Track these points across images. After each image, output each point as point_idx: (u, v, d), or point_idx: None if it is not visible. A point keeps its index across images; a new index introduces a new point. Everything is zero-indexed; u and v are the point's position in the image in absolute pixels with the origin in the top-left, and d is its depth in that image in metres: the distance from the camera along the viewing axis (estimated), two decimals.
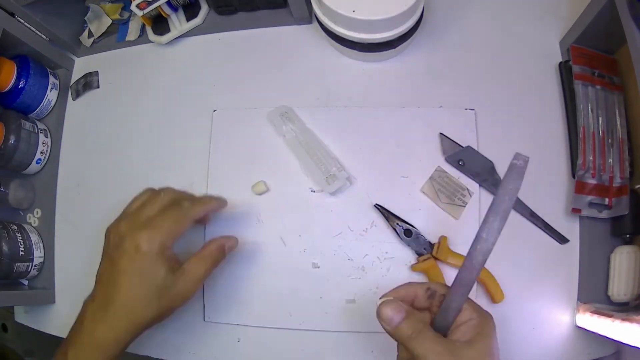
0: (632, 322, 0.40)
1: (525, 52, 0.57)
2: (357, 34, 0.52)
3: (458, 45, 0.58)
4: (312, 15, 0.60)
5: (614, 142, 0.50)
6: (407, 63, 0.58)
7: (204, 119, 0.59)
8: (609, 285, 0.49)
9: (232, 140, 0.58)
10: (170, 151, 0.60)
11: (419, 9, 0.52)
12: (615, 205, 0.49)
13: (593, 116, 0.50)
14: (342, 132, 0.56)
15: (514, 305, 0.50)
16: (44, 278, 0.60)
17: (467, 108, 0.55)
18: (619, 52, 0.53)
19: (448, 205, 0.52)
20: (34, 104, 0.63)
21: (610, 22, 0.45)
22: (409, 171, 0.54)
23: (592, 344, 0.49)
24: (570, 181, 0.52)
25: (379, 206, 0.52)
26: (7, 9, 0.57)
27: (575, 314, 0.49)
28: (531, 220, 0.51)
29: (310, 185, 0.55)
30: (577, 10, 0.51)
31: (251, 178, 0.56)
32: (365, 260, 0.53)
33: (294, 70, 0.60)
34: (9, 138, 0.58)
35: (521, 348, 0.50)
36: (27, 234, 0.59)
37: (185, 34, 0.63)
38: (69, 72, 0.67)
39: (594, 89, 0.51)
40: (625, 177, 0.49)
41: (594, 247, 0.50)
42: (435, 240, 0.51)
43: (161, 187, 0.45)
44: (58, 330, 0.60)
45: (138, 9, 0.58)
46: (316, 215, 0.54)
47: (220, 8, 0.62)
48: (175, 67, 0.64)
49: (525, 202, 0.52)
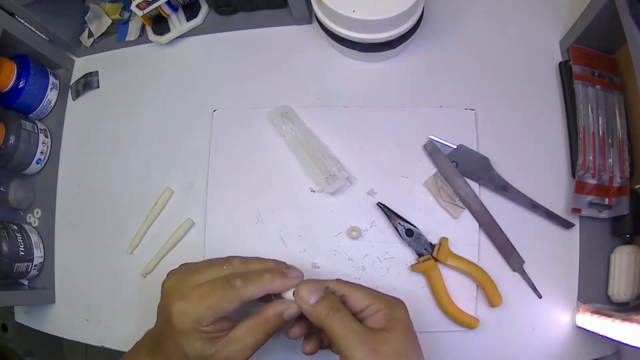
0: (632, 322, 0.40)
1: (525, 52, 0.57)
2: (357, 34, 0.52)
3: (458, 45, 0.58)
4: (312, 15, 0.60)
5: (614, 142, 0.50)
6: (407, 63, 0.58)
7: (204, 119, 0.59)
8: (609, 285, 0.49)
9: (232, 140, 0.58)
10: (170, 151, 0.60)
11: (419, 9, 0.52)
12: (615, 205, 0.49)
13: (593, 116, 0.50)
14: (342, 132, 0.56)
15: (514, 305, 0.50)
16: (44, 278, 0.60)
17: (467, 108, 0.55)
18: (619, 52, 0.53)
19: (448, 204, 0.52)
20: (34, 104, 0.63)
21: (610, 22, 0.45)
22: (408, 171, 0.54)
23: (592, 344, 0.49)
24: (570, 181, 0.52)
25: (381, 205, 0.52)
26: (7, 9, 0.57)
27: (575, 314, 0.50)
28: (533, 211, 0.51)
29: (310, 185, 0.55)
30: (577, 10, 0.51)
31: (251, 178, 0.56)
32: (365, 260, 0.53)
33: (294, 70, 0.60)
34: (9, 138, 0.58)
35: (521, 348, 0.50)
36: (27, 234, 0.59)
37: (185, 34, 0.63)
38: (69, 72, 0.67)
39: (594, 89, 0.51)
40: (625, 177, 0.49)
41: (594, 247, 0.50)
42: (435, 241, 0.51)
43: (238, 256, 0.41)
44: (58, 330, 0.60)
45: (138, 9, 0.58)
46: (316, 215, 0.54)
47: (220, 8, 0.62)
48: (175, 67, 0.64)
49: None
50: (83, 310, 0.59)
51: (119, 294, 0.58)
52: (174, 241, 0.57)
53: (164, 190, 0.58)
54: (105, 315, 0.58)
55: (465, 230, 0.52)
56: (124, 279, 0.58)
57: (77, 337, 0.59)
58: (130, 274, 0.58)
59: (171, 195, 0.58)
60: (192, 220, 0.57)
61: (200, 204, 0.57)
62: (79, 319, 0.59)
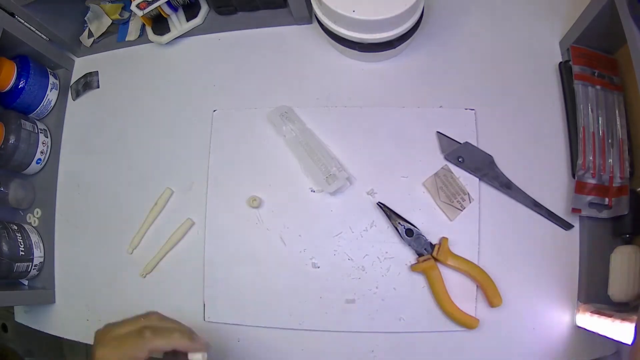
0: (632, 322, 0.40)
1: (525, 52, 0.57)
2: (357, 34, 0.52)
3: (458, 45, 0.58)
4: (312, 15, 0.60)
5: (614, 142, 0.50)
6: (407, 63, 0.58)
7: (204, 119, 0.59)
8: (608, 285, 0.49)
9: (232, 140, 0.58)
10: (170, 151, 0.60)
11: (419, 9, 0.52)
12: (615, 205, 0.49)
13: (593, 116, 0.50)
14: (342, 132, 0.56)
15: (515, 305, 0.50)
16: (44, 278, 0.60)
17: (467, 108, 0.55)
18: (619, 52, 0.53)
19: (446, 205, 0.52)
20: (34, 104, 0.63)
21: (610, 22, 0.45)
22: (408, 171, 0.54)
23: (592, 344, 0.49)
24: (571, 181, 0.52)
25: (381, 204, 0.52)
26: (7, 9, 0.57)
27: (575, 314, 0.49)
28: (534, 210, 0.51)
29: (311, 185, 0.55)
30: (577, 10, 0.51)
31: (251, 178, 0.56)
32: (365, 260, 0.53)
33: (294, 70, 0.60)
34: (9, 138, 0.58)
35: (521, 348, 0.50)
36: (27, 234, 0.59)
37: (185, 34, 0.63)
38: (69, 72, 0.67)
39: (593, 88, 0.51)
40: (625, 177, 0.49)
41: (594, 247, 0.50)
42: (435, 241, 0.51)
43: (158, 313, 0.44)
44: (58, 330, 0.60)
45: (138, 9, 0.58)
46: (316, 215, 0.54)
47: (220, 8, 0.62)
48: (175, 67, 0.64)
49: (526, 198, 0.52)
50: (83, 310, 0.59)
51: (119, 294, 0.58)
52: (174, 241, 0.57)
53: (164, 190, 0.58)
54: (105, 315, 0.58)
55: (466, 230, 0.52)
56: (124, 279, 0.58)
57: (77, 337, 0.59)
58: (130, 274, 0.58)
59: (171, 195, 0.58)
60: (192, 220, 0.57)
61: (200, 203, 0.57)
62: (79, 319, 0.59)
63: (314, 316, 0.53)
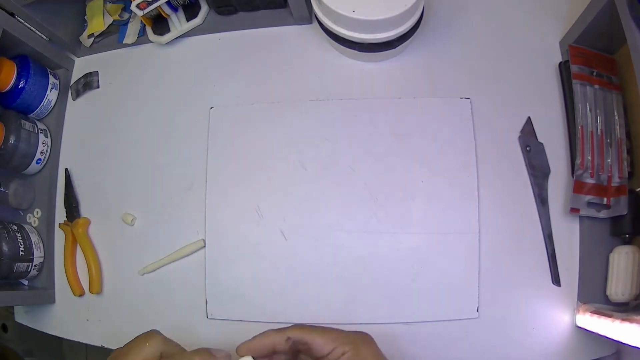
0: (632, 322, 0.40)
1: (525, 52, 0.57)
2: (357, 34, 0.52)
3: (458, 45, 0.58)
4: (312, 15, 0.60)
5: (613, 142, 0.50)
6: (407, 63, 0.58)
7: (204, 119, 0.59)
8: (607, 285, 0.49)
9: (230, 136, 0.58)
10: (170, 151, 0.60)
11: (419, 9, 0.52)
12: (613, 205, 0.49)
13: (591, 115, 0.50)
14: (341, 132, 0.56)
15: (514, 305, 0.50)
16: (44, 278, 0.60)
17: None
18: (618, 52, 0.53)
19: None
20: (34, 104, 0.63)
21: (610, 22, 0.45)
22: (408, 171, 0.54)
23: (592, 344, 0.49)
24: (569, 180, 0.52)
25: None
26: (7, 9, 0.57)
27: (575, 314, 0.50)
28: (538, 210, 0.52)
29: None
30: (577, 10, 0.51)
31: (251, 174, 0.56)
32: (367, 253, 0.53)
33: (294, 70, 0.60)
34: (9, 138, 0.58)
35: (521, 348, 0.50)
36: (27, 234, 0.59)
37: (185, 34, 0.63)
38: (69, 72, 0.67)
39: (592, 88, 0.51)
40: (623, 177, 0.49)
41: (594, 247, 0.50)
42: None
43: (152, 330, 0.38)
44: (58, 330, 0.60)
45: (138, 9, 0.58)
46: (316, 208, 0.54)
47: (220, 8, 0.62)
48: (175, 67, 0.64)
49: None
50: (83, 310, 0.59)
51: (119, 294, 0.58)
52: (179, 255, 0.56)
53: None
54: (105, 315, 0.58)
55: (465, 219, 0.52)
56: (124, 278, 0.58)
57: (77, 337, 0.59)
58: (130, 274, 0.58)
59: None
60: (204, 241, 0.56)
61: (200, 201, 0.57)
62: (79, 319, 0.59)
63: (314, 312, 0.53)
